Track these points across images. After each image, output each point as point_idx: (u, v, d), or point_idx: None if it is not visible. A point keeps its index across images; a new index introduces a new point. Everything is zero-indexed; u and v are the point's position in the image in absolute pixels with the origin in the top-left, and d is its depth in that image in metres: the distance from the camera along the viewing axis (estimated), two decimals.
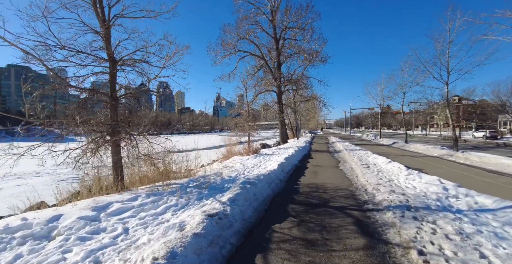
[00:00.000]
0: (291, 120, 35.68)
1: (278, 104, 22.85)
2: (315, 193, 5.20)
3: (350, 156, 11.45)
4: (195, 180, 5.83)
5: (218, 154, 13.93)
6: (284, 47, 22.26)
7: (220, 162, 11.73)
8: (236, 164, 8.74)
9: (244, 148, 12.31)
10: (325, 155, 12.91)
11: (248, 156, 10.77)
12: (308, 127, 51.68)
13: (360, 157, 11.05)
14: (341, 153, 13.83)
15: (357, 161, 9.90)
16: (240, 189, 4.26)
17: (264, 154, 11.65)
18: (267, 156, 10.80)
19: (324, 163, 9.99)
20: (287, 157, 9.34)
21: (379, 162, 9.40)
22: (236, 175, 6.47)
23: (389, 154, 13.86)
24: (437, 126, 74.29)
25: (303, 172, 7.74)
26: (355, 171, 7.98)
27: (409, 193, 4.88)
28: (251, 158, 10.18)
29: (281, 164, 7.60)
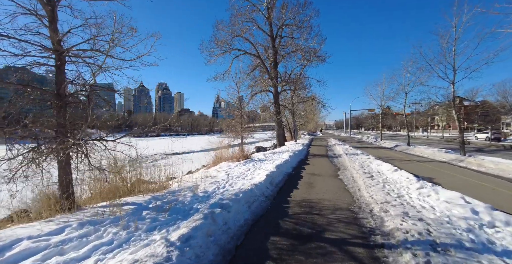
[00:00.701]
0: (289, 121, 34.60)
1: (275, 105, 21.80)
2: (307, 216, 4.08)
3: (350, 162, 10.34)
4: (160, 198, 4.72)
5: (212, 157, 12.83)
6: (281, 45, 21.26)
7: (208, 168, 10.63)
8: (220, 173, 7.62)
9: (233, 152, 11.20)
10: (323, 161, 11.79)
11: (237, 163, 9.66)
12: (307, 128, 50.58)
13: (361, 163, 9.95)
14: (340, 158, 12.72)
15: (359, 168, 8.79)
16: (204, 218, 3.15)
17: (255, 159, 10.54)
18: (259, 162, 9.69)
19: (321, 170, 8.87)
20: (279, 165, 8.23)
21: (383, 170, 8.29)
22: (214, 190, 5.35)
23: (392, 158, 12.75)
24: (438, 128, 73.39)
25: (296, 184, 6.62)
26: (357, 181, 6.86)
27: (428, 217, 3.78)
28: (240, 165, 9.07)
29: (271, 174, 6.49)
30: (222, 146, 12.74)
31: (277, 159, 10.58)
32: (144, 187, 5.85)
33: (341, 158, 12.38)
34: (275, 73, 20.70)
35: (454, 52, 15.16)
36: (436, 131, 68.69)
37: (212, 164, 11.21)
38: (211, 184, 5.78)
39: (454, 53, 15.19)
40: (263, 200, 4.77)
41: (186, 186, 5.60)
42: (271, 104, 22.65)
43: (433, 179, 7.47)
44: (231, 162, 10.08)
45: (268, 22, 20.57)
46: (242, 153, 10.68)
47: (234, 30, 19.88)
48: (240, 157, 10.61)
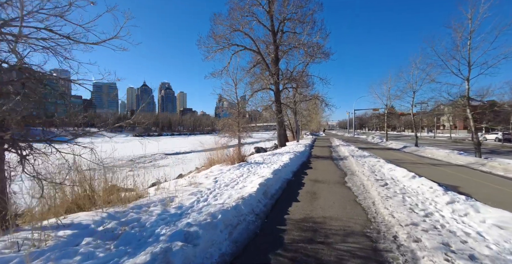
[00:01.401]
0: (291, 121, 33.45)
1: (276, 103, 20.68)
2: (309, 247, 2.98)
3: (358, 166, 9.20)
4: (118, 215, 3.64)
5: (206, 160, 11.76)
6: (282, 40, 20.14)
7: (199, 171, 9.56)
8: (209, 179, 6.54)
9: (229, 154, 10.11)
10: (327, 164, 10.65)
11: (230, 166, 8.57)
12: (310, 128, 49.36)
13: (371, 167, 8.80)
14: (346, 160, 11.57)
15: (369, 173, 7.65)
16: (151, 261, 2.05)
17: (251, 163, 9.44)
18: (255, 166, 8.59)
19: (326, 176, 7.74)
20: (277, 170, 7.12)
21: (398, 176, 7.14)
22: (192, 204, 4.26)
23: (404, 161, 11.58)
24: (443, 128, 71.76)
25: (296, 194, 5.50)
26: (370, 191, 5.73)
27: (482, 253, 2.65)
28: (233, 169, 7.98)
29: (265, 183, 5.38)
30: (218, 147, 11.69)
31: (276, 162, 9.47)
32: (113, 197, 4.80)
33: (347, 161, 11.23)
34: (276, 69, 19.61)
35: (469, 46, 13.97)
36: (441, 131, 67.13)
37: (205, 167, 10.14)
38: (191, 196, 4.69)
39: (469, 47, 14.00)
40: (251, 220, 3.66)
41: (158, 198, 4.51)
42: (272, 102, 21.54)
43: (458, 188, 6.31)
44: (225, 165, 9.00)
45: (269, 16, 19.46)
46: (238, 155, 9.58)
47: (232, 24, 18.80)
48: (236, 159, 9.52)
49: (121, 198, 4.74)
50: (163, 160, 33.85)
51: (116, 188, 5.25)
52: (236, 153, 9.64)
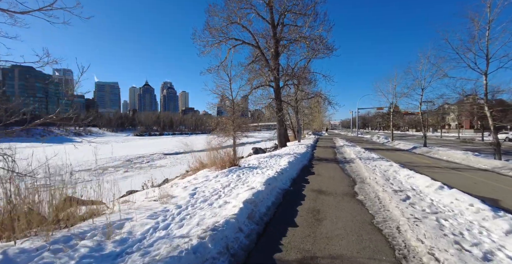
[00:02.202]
0: (293, 120, 32.15)
1: (276, 101, 19.39)
2: None
3: (368, 171, 7.90)
4: (24, 256, 2.40)
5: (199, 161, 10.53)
6: (283, 33, 18.83)
7: (183, 177, 8.32)
8: (186, 190, 5.28)
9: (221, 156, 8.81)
10: (332, 168, 9.36)
11: (219, 172, 7.30)
12: (312, 128, 48.00)
13: (384, 173, 7.49)
14: (353, 163, 10.27)
15: (383, 181, 6.35)
16: None
17: (244, 167, 8.17)
18: (247, 171, 7.32)
19: (331, 185, 6.45)
20: (272, 177, 5.84)
21: (420, 185, 5.84)
22: (144, 235, 3.00)
23: (417, 164, 10.25)
24: (449, 127, 70.01)
25: (293, 214, 4.21)
26: (389, 208, 4.43)
27: None
28: (221, 176, 6.73)
29: (253, 199, 4.10)
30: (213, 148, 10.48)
31: (273, 166, 8.20)
32: (63, 215, 3.62)
33: (355, 164, 9.92)
34: (275, 64, 18.32)
35: (487, 36, 12.59)
36: (447, 131, 65.46)
37: (192, 172, 8.90)
38: (149, 220, 3.43)
39: (488, 38, 12.62)
40: None
41: (102, 223, 3.26)
42: (272, 99, 20.25)
43: (499, 201, 5.00)
44: (214, 171, 7.75)
45: (268, 8, 18.14)
46: (229, 158, 8.31)
47: (229, 16, 17.50)
48: (227, 163, 8.24)
49: (61, 219, 3.54)
50: (161, 161, 32.78)
51: (76, 201, 4.04)
52: (227, 155, 8.37)
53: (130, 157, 33.55)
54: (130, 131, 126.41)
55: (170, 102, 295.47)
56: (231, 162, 8.26)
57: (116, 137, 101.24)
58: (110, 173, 22.06)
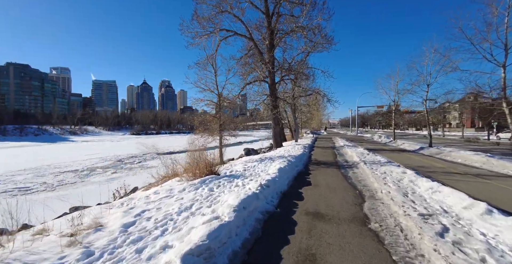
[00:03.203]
0: (291, 118, 30.55)
1: (271, 97, 17.79)
2: None
3: (378, 180, 6.33)
4: None
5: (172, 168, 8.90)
6: (278, 24, 17.21)
7: (147, 188, 6.71)
8: (126, 216, 3.69)
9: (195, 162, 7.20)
10: (332, 175, 7.78)
11: (190, 182, 5.71)
12: (310, 126, 46.42)
13: (398, 184, 5.93)
14: (357, 168, 8.72)
15: (400, 197, 4.79)
16: None
17: (224, 176, 6.58)
18: (225, 183, 5.73)
19: (332, 203, 4.87)
20: (252, 195, 4.24)
21: (453, 204, 4.28)
22: None
23: (432, 169, 8.71)
24: (449, 126, 68.75)
25: None
26: (426, 255, 2.82)
27: None
28: (189, 189, 5.15)
29: (206, 245, 2.51)
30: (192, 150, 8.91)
31: (259, 174, 6.62)
32: None
33: (359, 170, 8.35)
34: (270, 56, 16.72)
35: (506, 24, 11.12)
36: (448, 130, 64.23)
37: (162, 181, 7.30)
38: None
39: (507, 26, 11.14)
40: None
41: None
42: (267, 96, 18.63)
43: None
44: (183, 181, 6.17)
45: None
46: (206, 164, 6.69)
47: (219, 4, 15.84)
48: (202, 171, 6.64)
49: None
50: (153, 161, 31.06)
51: None
52: (204, 161, 6.75)
53: (122, 156, 32.04)
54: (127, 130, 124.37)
55: (168, 100, 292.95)
56: (208, 169, 6.66)
57: (112, 136, 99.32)
58: (98, 174, 20.48)
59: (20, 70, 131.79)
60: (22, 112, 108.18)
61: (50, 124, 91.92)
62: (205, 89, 10.44)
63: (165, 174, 7.50)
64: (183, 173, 6.98)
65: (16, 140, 65.97)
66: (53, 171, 21.77)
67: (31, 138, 71.85)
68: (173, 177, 7.12)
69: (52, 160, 26.90)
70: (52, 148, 42.91)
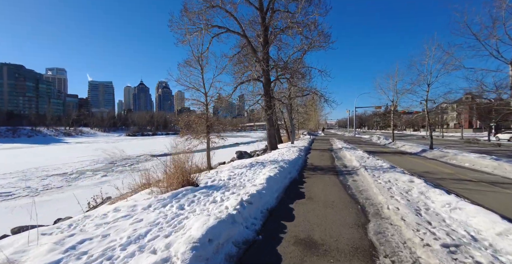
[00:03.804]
0: (286, 119, 29.66)
1: (265, 97, 16.89)
2: None
3: (382, 191, 5.42)
4: None
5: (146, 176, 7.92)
6: (273, 20, 16.36)
7: (112, 202, 5.73)
8: (53, 251, 2.73)
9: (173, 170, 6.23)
10: (329, 184, 6.86)
11: (159, 197, 4.76)
12: (307, 127, 45.58)
13: (406, 196, 5.01)
14: (358, 175, 7.80)
15: (412, 216, 3.87)
16: None
17: (203, 187, 5.62)
18: (201, 197, 4.79)
19: (329, 225, 3.93)
20: (227, 218, 3.29)
21: (482, 227, 3.36)
22: None
23: (439, 175, 7.82)
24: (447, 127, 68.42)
25: None
26: None
27: None
28: (154, 208, 4.20)
29: None
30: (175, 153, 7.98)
31: (245, 185, 5.68)
32: None
33: (360, 177, 7.44)
34: (264, 54, 15.84)
35: None
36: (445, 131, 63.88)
37: (133, 192, 6.33)
38: None
39: None
40: None
41: None
42: (261, 96, 17.71)
43: None
44: (153, 194, 5.21)
45: None
46: (182, 173, 5.72)
47: None
48: (180, 181, 5.68)
49: None
50: (147, 163, 29.94)
51: None
52: (180, 170, 5.79)
53: (115, 158, 31.06)
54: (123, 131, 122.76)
55: (166, 101, 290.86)
56: (185, 178, 5.69)
57: (107, 137, 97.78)
58: (87, 177, 19.45)
59: (14, 71, 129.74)
60: (15, 113, 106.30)
61: (44, 125, 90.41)
62: (190, 87, 9.48)
63: (138, 184, 6.53)
64: (158, 183, 6.02)
65: (8, 142, 64.40)
66: (40, 174, 20.73)
67: (24, 140, 70.30)
68: (145, 187, 6.16)
69: (41, 163, 25.78)
70: (44, 150, 41.64)
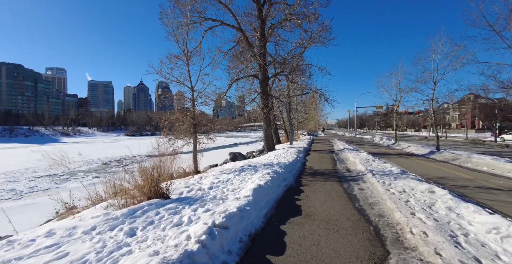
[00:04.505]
0: (285, 119, 28.53)
1: (261, 95, 15.78)
2: None
3: (399, 206, 4.28)
4: None
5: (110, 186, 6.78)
6: (270, 12, 15.29)
7: (61, 218, 4.60)
8: None
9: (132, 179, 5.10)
10: (332, 195, 5.71)
11: (111, 216, 3.64)
12: (307, 128, 44.42)
13: (431, 213, 3.87)
14: (364, 183, 6.67)
15: (448, 246, 2.73)
16: None
17: (172, 202, 4.48)
18: (165, 215, 3.66)
19: (333, 260, 2.82)
20: (180, 259, 2.18)
21: None
22: None
23: (459, 182, 6.68)
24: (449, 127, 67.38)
25: None
26: None
27: None
28: (97, 232, 3.08)
29: None
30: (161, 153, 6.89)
31: (227, 197, 4.54)
32: None
33: (368, 186, 6.30)
34: (261, 49, 14.76)
35: None
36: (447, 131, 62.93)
37: (92, 204, 5.18)
38: None
39: None
40: None
41: None
42: (257, 93, 16.58)
43: None
44: (112, 209, 4.09)
45: None
46: (150, 183, 4.59)
47: None
48: (146, 191, 4.56)
49: None
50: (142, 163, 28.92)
51: None
52: (147, 178, 4.66)
53: (110, 159, 30.04)
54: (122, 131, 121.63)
55: (166, 101, 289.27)
56: (153, 189, 4.55)
57: (105, 137, 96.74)
58: (78, 178, 18.39)
59: (12, 70, 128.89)
60: (13, 113, 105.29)
61: (42, 125, 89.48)
62: (172, 80, 8.36)
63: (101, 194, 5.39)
64: (123, 194, 4.89)
65: (4, 142, 63.30)
66: (29, 175, 19.74)
67: (20, 140, 69.30)
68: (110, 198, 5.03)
69: (33, 163, 24.77)
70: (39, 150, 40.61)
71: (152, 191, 4.53)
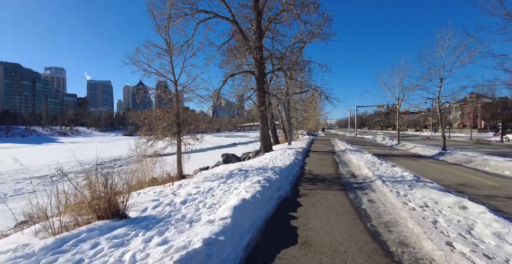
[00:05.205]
0: (284, 118, 27.44)
1: (258, 92, 14.70)
2: None
3: (426, 229, 3.22)
4: None
5: None
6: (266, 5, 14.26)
7: None
8: None
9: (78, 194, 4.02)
10: (336, 210, 4.63)
11: (33, 246, 2.57)
12: (307, 127, 43.34)
13: (473, 242, 2.77)
14: (373, 192, 5.59)
15: None
16: None
17: (125, 225, 3.40)
18: (103, 249, 2.58)
19: None
20: None
21: None
22: None
23: (488, 192, 5.59)
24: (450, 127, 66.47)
25: None
26: None
27: None
28: None
29: None
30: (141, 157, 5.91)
31: (199, 218, 3.44)
32: None
33: (378, 196, 5.22)
34: (257, 43, 13.71)
35: None
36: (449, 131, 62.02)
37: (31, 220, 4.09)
38: None
39: None
40: None
41: None
42: (253, 90, 15.49)
43: None
44: (42, 235, 3.00)
45: None
46: (100, 200, 3.51)
47: None
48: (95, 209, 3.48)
49: None
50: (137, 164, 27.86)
51: None
52: (96, 192, 3.58)
53: (105, 159, 29.10)
54: (120, 130, 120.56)
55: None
56: (103, 207, 3.47)
57: (103, 137, 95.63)
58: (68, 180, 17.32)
59: (10, 69, 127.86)
60: (11, 112, 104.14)
61: (39, 124, 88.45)
62: (151, 72, 7.27)
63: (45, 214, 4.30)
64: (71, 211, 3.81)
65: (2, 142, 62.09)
66: (18, 177, 18.71)
67: (17, 139, 68.20)
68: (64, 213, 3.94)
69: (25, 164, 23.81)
70: (34, 150, 39.60)
71: (101, 208, 3.44)
